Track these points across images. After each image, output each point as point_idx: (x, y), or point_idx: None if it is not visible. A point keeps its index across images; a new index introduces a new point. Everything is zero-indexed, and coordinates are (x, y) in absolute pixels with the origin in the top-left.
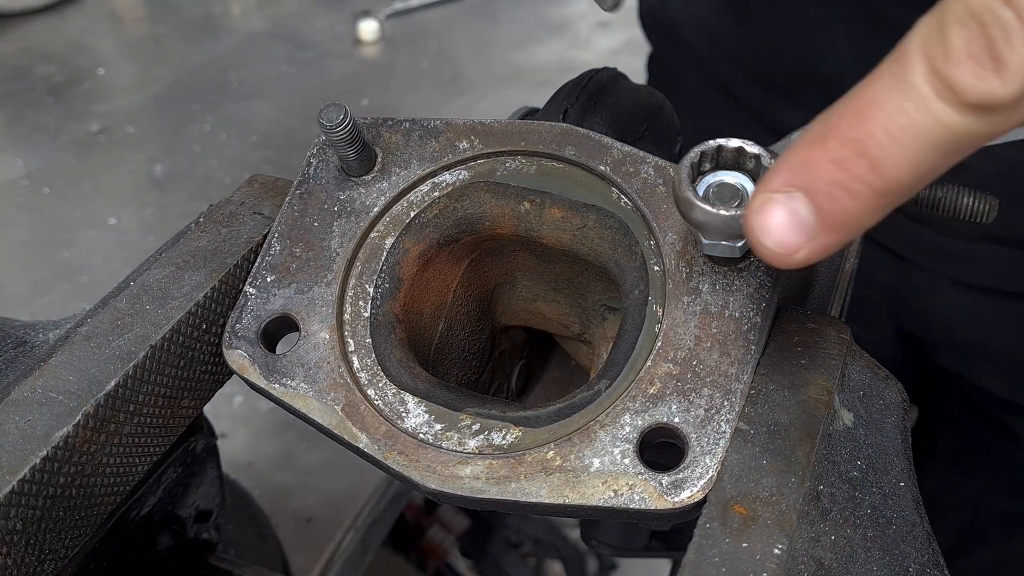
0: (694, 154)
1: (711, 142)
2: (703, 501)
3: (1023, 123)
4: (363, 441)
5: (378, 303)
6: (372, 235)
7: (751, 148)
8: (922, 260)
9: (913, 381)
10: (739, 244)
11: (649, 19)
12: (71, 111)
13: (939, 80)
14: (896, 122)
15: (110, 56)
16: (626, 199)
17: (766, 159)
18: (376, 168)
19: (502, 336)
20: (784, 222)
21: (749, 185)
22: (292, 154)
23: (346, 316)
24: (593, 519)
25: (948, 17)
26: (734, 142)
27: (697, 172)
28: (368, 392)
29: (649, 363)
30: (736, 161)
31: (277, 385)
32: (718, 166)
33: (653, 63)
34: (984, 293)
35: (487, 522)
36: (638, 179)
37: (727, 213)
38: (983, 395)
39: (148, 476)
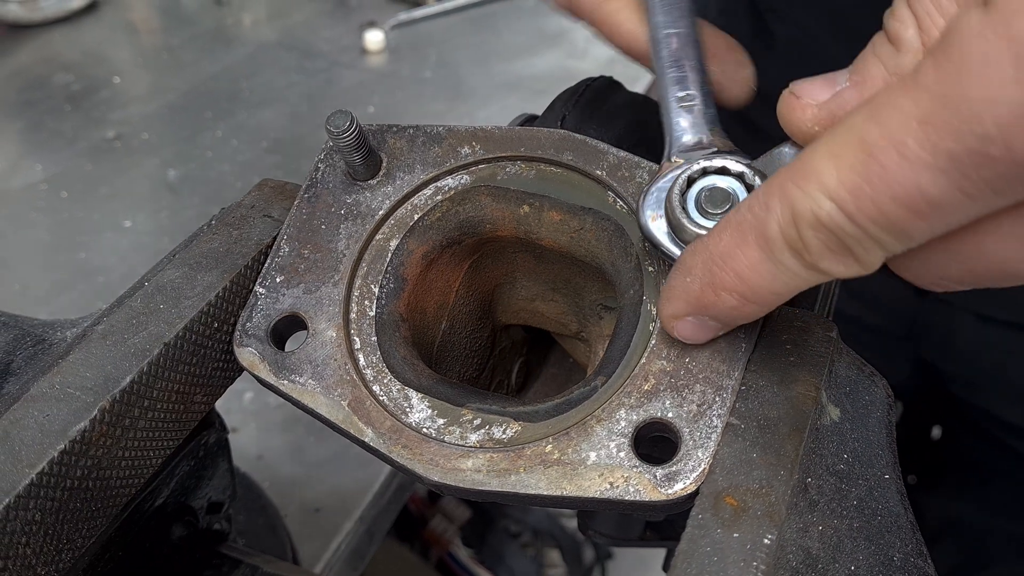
0: (680, 181)
1: (712, 163)
2: (696, 493)
3: None
4: (369, 435)
5: (383, 303)
6: (377, 237)
7: (735, 167)
8: (947, 295)
9: (927, 408)
10: None
11: None
12: (88, 118)
13: (807, 264)
14: (774, 285)
15: (126, 65)
16: (622, 202)
17: (750, 176)
18: (381, 173)
19: (502, 334)
20: (697, 332)
21: (742, 192)
22: (301, 159)
23: (352, 315)
24: (590, 510)
25: (801, 222)
26: (718, 161)
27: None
28: (373, 388)
29: (644, 360)
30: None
31: (286, 381)
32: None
33: None
34: (1006, 327)
35: (488, 513)
36: (633, 183)
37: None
38: (998, 423)
39: (162, 469)
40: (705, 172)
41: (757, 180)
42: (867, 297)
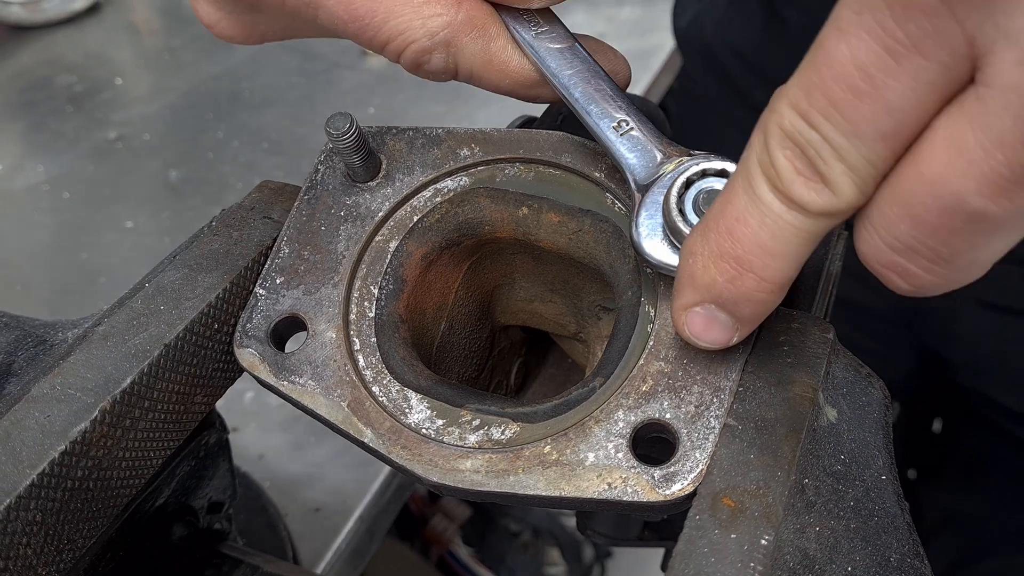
0: (678, 186)
1: (711, 163)
2: (693, 494)
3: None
4: (368, 436)
5: (383, 304)
6: (377, 239)
7: (731, 168)
8: None
9: (929, 396)
10: None
11: (683, 38)
12: (90, 119)
13: (784, 196)
14: (761, 236)
15: (128, 67)
16: (620, 204)
17: None
18: (381, 174)
19: (501, 335)
20: (709, 328)
21: None
22: (301, 161)
23: (352, 316)
24: (588, 510)
25: (771, 139)
26: (715, 163)
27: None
28: (373, 389)
29: (642, 361)
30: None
31: (286, 382)
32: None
33: (684, 79)
34: (1008, 313)
35: (488, 512)
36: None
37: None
38: (1000, 410)
39: (162, 469)
40: (704, 174)
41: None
42: (871, 283)
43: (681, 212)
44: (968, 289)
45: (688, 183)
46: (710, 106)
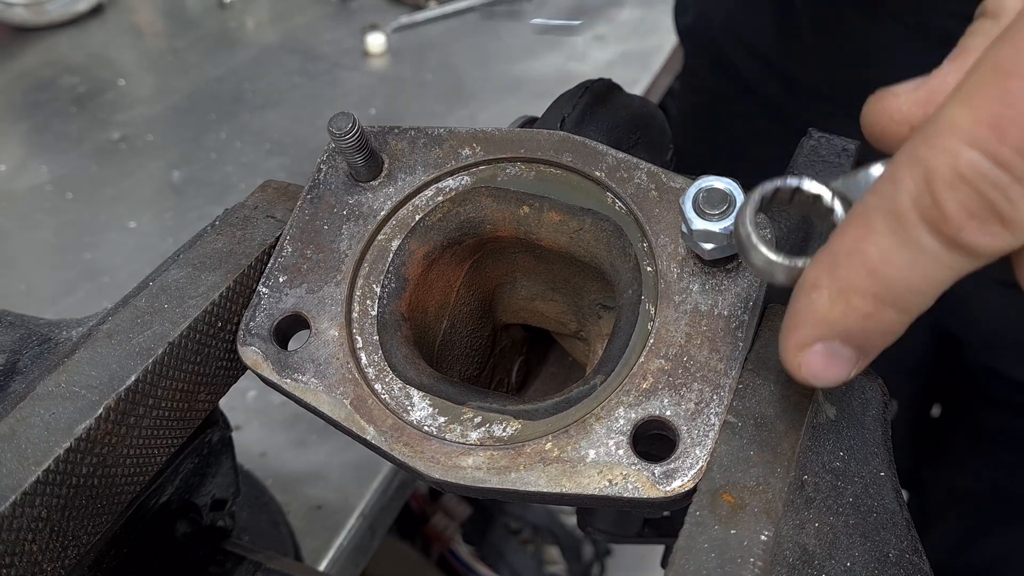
0: (766, 191)
1: (787, 182)
2: (693, 490)
3: None
4: (371, 433)
5: (385, 302)
6: (379, 237)
7: (811, 188)
8: None
9: (940, 376)
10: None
11: (687, 35)
12: (94, 120)
13: (948, 240)
14: (911, 278)
15: (131, 68)
16: (620, 203)
17: (839, 215)
18: (383, 174)
19: (503, 333)
20: (829, 366)
21: (738, 192)
22: (303, 161)
23: (354, 314)
24: (589, 507)
25: (937, 181)
26: (793, 182)
27: (765, 208)
28: (375, 387)
29: (642, 359)
30: (811, 208)
31: (289, 380)
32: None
33: (688, 75)
34: None
35: (488, 510)
36: (631, 184)
37: (788, 263)
38: (1013, 385)
39: (166, 466)
40: (778, 192)
41: (837, 206)
42: None
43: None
44: (990, 270)
45: (763, 204)
46: (714, 102)
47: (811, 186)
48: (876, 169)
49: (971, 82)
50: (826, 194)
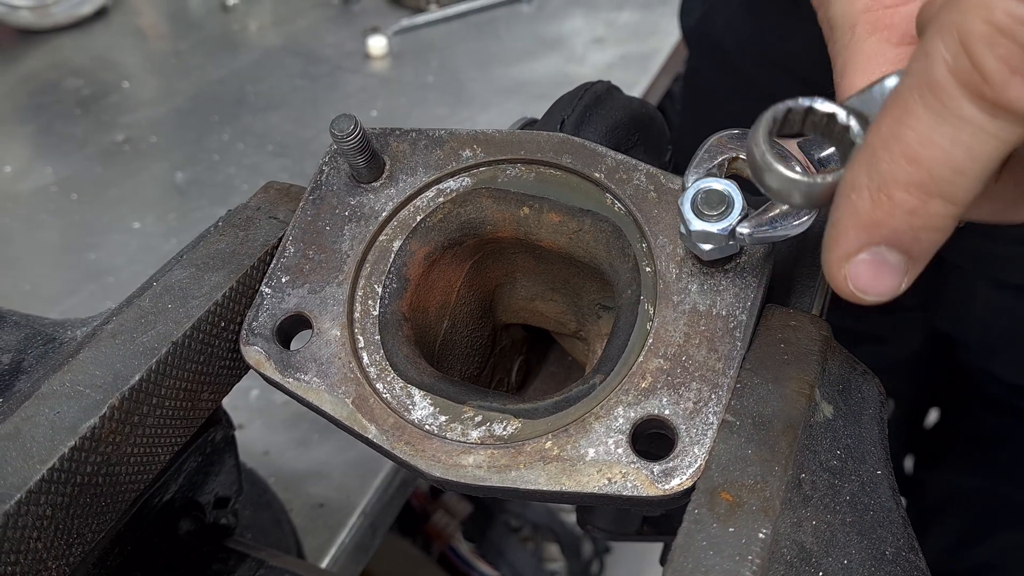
0: (777, 111)
1: (799, 102)
2: (692, 488)
3: None
4: (372, 432)
5: (386, 302)
6: (381, 238)
7: (824, 107)
8: (964, 262)
9: (933, 379)
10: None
11: (692, 36)
12: (98, 122)
13: (990, 105)
14: (957, 156)
15: (135, 70)
16: (619, 204)
17: (855, 131)
18: (384, 175)
19: (503, 333)
20: (878, 275)
21: (736, 194)
22: (305, 162)
23: (356, 314)
24: (588, 505)
25: (972, 39)
26: (804, 102)
27: (776, 132)
28: (377, 386)
29: (641, 359)
30: (825, 128)
31: (291, 379)
32: (796, 133)
33: (691, 74)
34: (1022, 291)
35: (489, 508)
36: (630, 186)
37: (806, 179)
38: (1011, 389)
39: (170, 465)
40: (790, 112)
41: (853, 124)
42: None
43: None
44: (985, 268)
45: (775, 123)
46: (717, 101)
47: (824, 105)
48: (891, 80)
49: None
50: (840, 112)
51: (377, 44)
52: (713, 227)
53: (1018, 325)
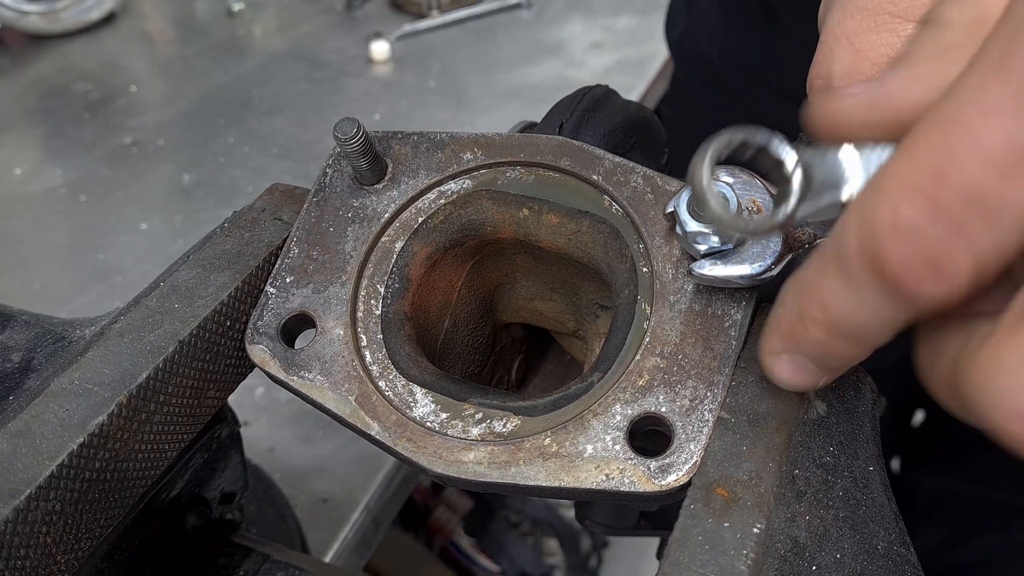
0: (732, 140)
1: (755, 138)
2: (688, 484)
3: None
4: (375, 429)
5: (389, 302)
6: (383, 239)
7: (778, 151)
8: None
9: (914, 387)
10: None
11: (677, 49)
12: (106, 125)
13: (890, 288)
14: (863, 317)
15: (142, 75)
16: (617, 206)
17: (795, 187)
18: (387, 177)
19: (503, 332)
20: (796, 374)
21: (731, 196)
22: (309, 165)
23: (359, 314)
24: (586, 500)
25: (879, 230)
26: (776, 149)
27: (725, 157)
28: (379, 384)
29: (638, 357)
30: (770, 169)
31: (296, 377)
32: (743, 162)
33: (677, 86)
34: None
35: (489, 503)
36: (628, 187)
37: (736, 222)
38: None
39: (177, 461)
40: (744, 144)
41: (796, 178)
42: None
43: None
44: None
45: (727, 146)
46: (702, 112)
47: (776, 149)
48: (844, 152)
49: (913, 137)
50: (789, 163)
51: (380, 49)
52: (709, 228)
53: None
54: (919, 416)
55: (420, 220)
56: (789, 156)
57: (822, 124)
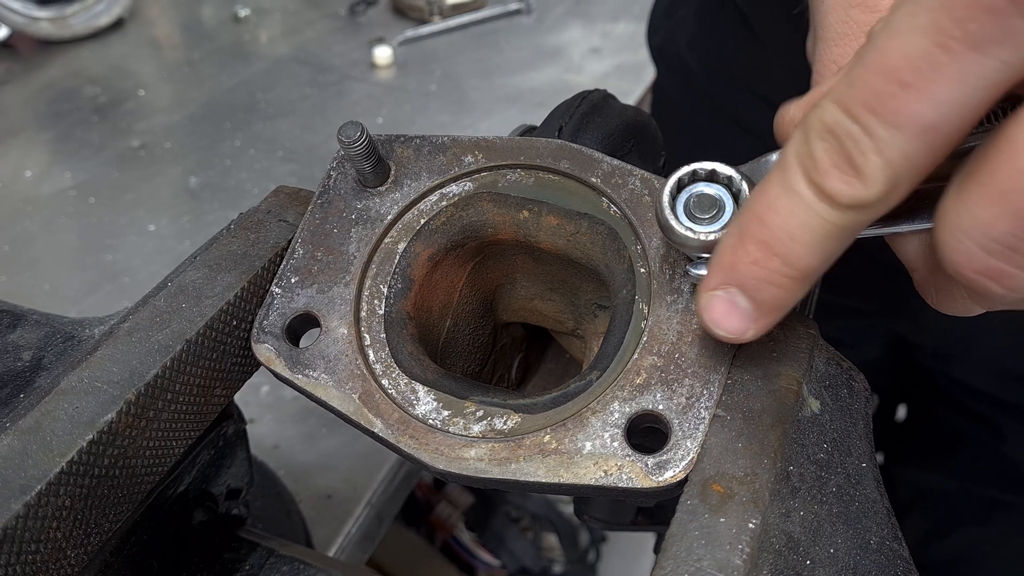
0: (684, 175)
1: (686, 168)
2: (684, 480)
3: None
4: (378, 426)
5: (391, 302)
6: (386, 240)
7: (724, 170)
8: None
9: (897, 380)
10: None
11: (658, 55)
12: (115, 129)
13: (816, 187)
14: (791, 224)
15: (150, 79)
16: (615, 208)
17: (737, 180)
18: (390, 180)
19: (503, 331)
20: (728, 314)
21: (727, 198)
22: (314, 167)
23: (362, 314)
24: (585, 496)
25: (811, 132)
26: (708, 165)
27: (676, 194)
28: (382, 382)
29: (636, 356)
30: (725, 185)
31: (300, 376)
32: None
33: (659, 92)
34: None
35: (490, 499)
36: (626, 190)
37: (703, 237)
38: (969, 392)
39: (184, 458)
40: (695, 176)
41: (744, 187)
42: (842, 277)
43: (673, 210)
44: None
45: (680, 185)
46: (683, 117)
47: (723, 168)
48: (775, 155)
49: (852, 59)
50: (736, 176)
51: (382, 54)
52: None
53: (972, 331)
54: (901, 412)
55: (422, 222)
56: (733, 172)
57: (779, 129)
